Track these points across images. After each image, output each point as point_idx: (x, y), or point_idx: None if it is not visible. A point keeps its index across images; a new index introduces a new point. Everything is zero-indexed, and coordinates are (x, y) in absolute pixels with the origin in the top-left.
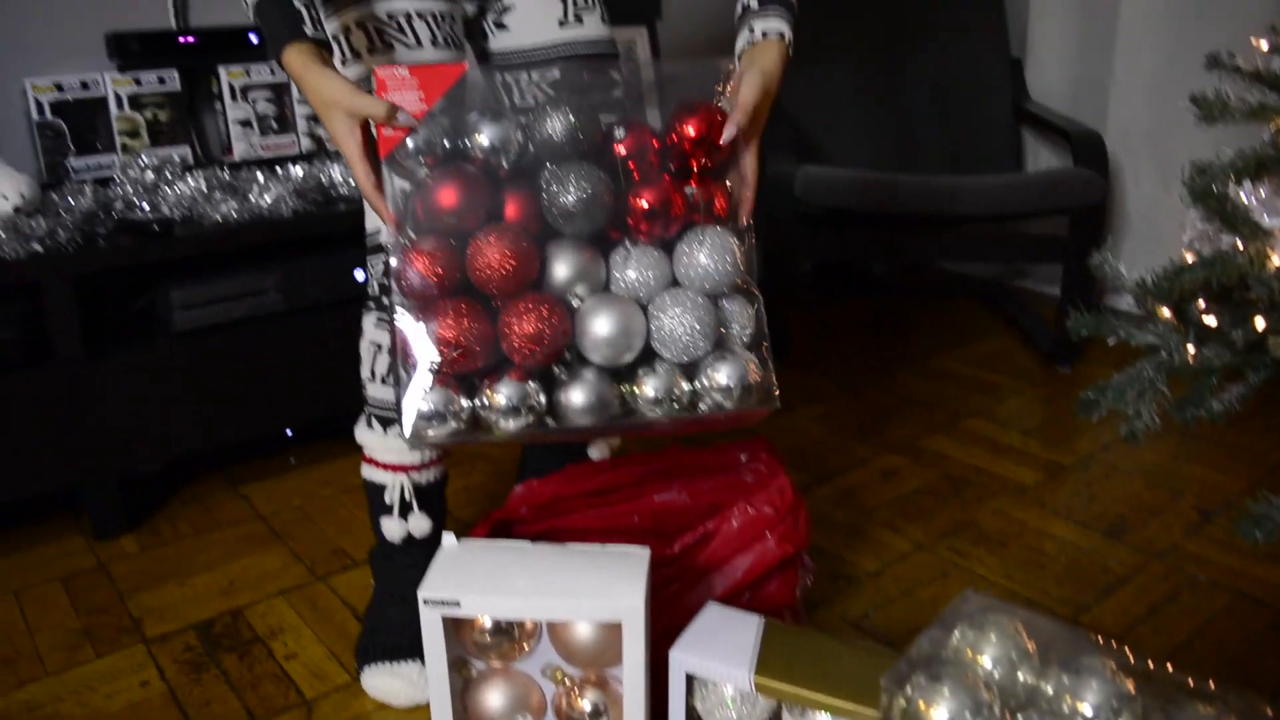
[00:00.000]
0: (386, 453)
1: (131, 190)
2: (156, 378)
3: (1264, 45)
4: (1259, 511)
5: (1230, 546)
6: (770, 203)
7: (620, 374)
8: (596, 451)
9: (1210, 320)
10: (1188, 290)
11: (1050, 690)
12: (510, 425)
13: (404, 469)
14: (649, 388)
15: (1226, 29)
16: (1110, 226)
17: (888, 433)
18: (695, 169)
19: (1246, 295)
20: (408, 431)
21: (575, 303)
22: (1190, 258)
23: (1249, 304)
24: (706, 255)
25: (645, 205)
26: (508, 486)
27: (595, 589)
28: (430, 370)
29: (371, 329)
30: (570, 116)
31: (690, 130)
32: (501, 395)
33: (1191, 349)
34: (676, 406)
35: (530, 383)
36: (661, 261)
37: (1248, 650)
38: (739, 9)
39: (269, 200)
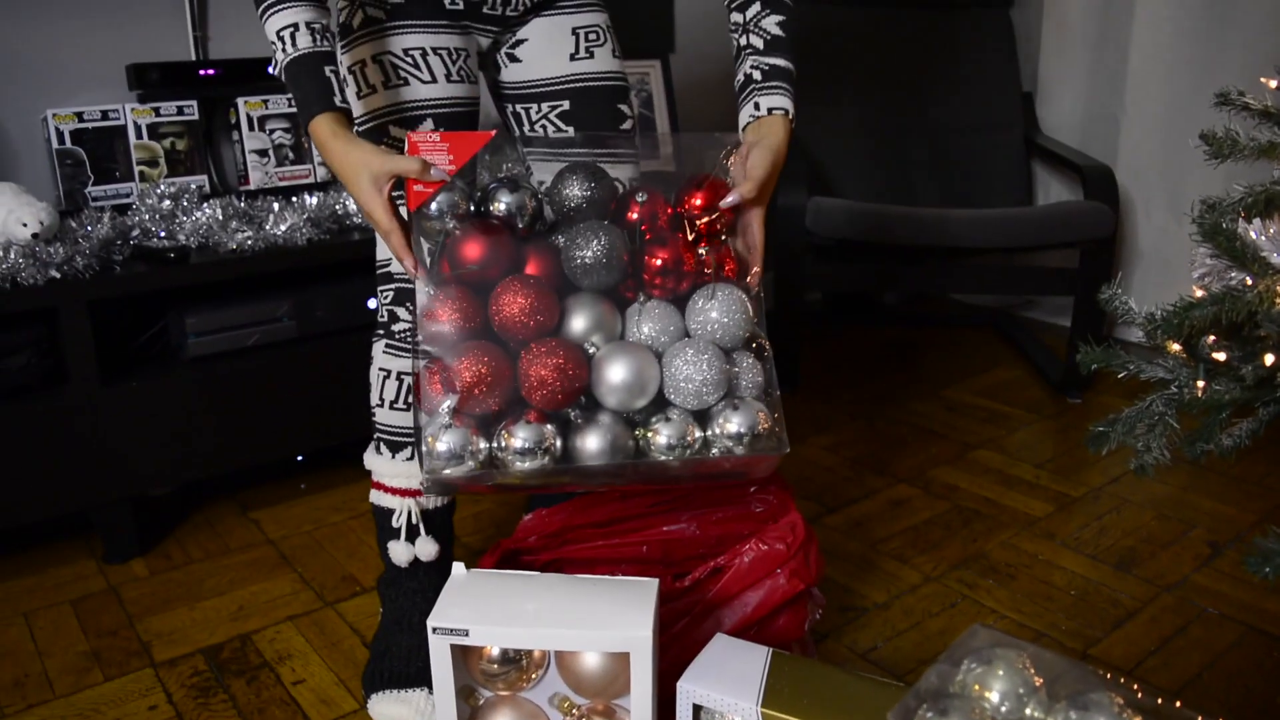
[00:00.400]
0: (394, 478)
1: (149, 218)
2: (169, 403)
3: (1273, 84)
4: (1268, 547)
5: (1241, 580)
6: (781, 234)
7: (634, 422)
8: None
9: (1220, 355)
10: (1197, 326)
11: None
12: (525, 466)
13: (411, 494)
14: (662, 435)
15: (1236, 65)
16: (1120, 260)
17: (898, 463)
18: (704, 234)
19: (1256, 331)
20: (425, 470)
21: (591, 350)
22: (1199, 293)
23: (1259, 340)
24: (717, 310)
25: (659, 262)
26: (516, 513)
27: (603, 619)
28: (449, 411)
29: (380, 355)
30: (589, 183)
31: (698, 201)
32: (518, 438)
33: (1201, 383)
34: (689, 452)
35: (547, 425)
36: (674, 316)
37: (1260, 684)
38: (740, 77)
39: (283, 229)
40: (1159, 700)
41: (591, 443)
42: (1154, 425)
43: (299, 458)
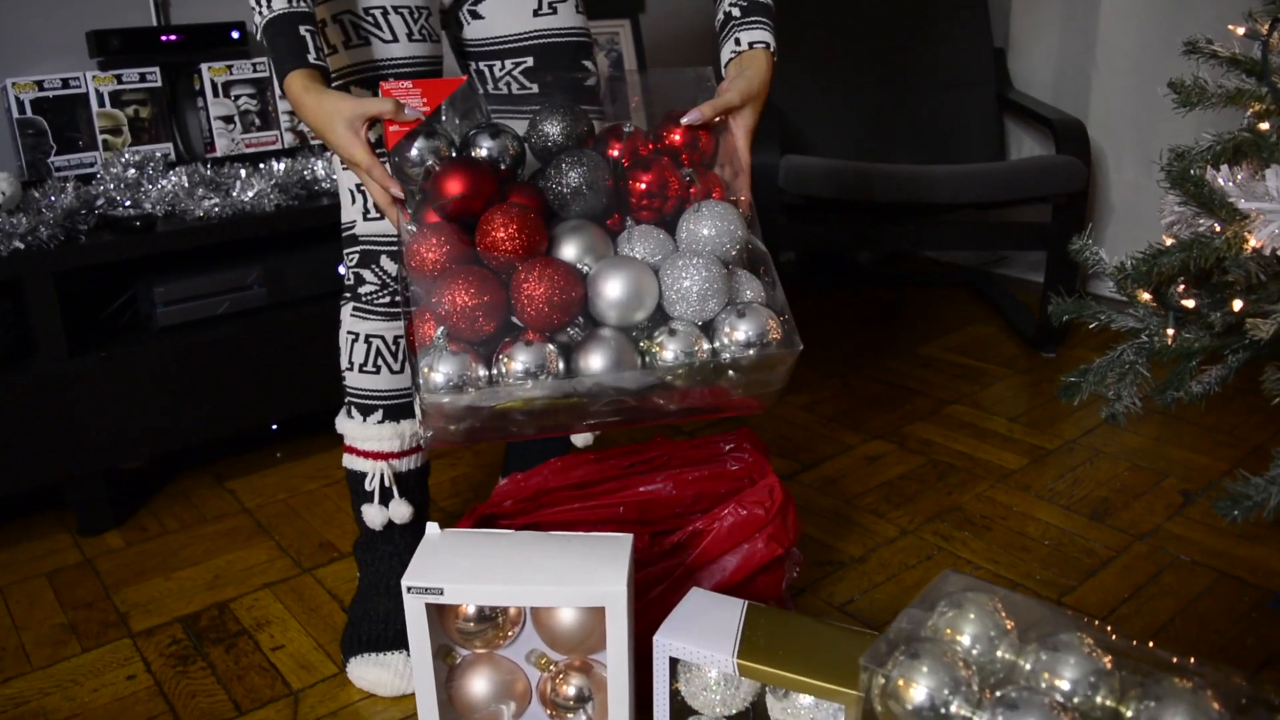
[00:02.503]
0: (366, 441)
1: (113, 187)
2: (140, 374)
3: (1241, 31)
4: (1237, 490)
5: (1213, 527)
6: (754, 193)
7: (638, 340)
8: (580, 439)
9: (1189, 303)
10: (1166, 273)
11: (1028, 667)
12: (529, 388)
13: (384, 456)
14: (669, 349)
15: (1206, 17)
16: (1092, 213)
17: (873, 420)
18: (686, 166)
19: (1224, 278)
20: (423, 405)
21: (585, 269)
22: (1169, 241)
23: (1227, 286)
24: (708, 226)
25: (643, 186)
26: (493, 479)
27: (578, 575)
28: (444, 336)
29: (349, 319)
30: (566, 121)
31: (677, 137)
32: (518, 360)
33: (1171, 332)
34: (697, 366)
35: (548, 345)
36: (664, 238)
37: (1230, 629)
38: (720, 16)
39: (251, 196)
40: (1133, 642)
41: (595, 360)
42: (1125, 374)
43: (273, 426)
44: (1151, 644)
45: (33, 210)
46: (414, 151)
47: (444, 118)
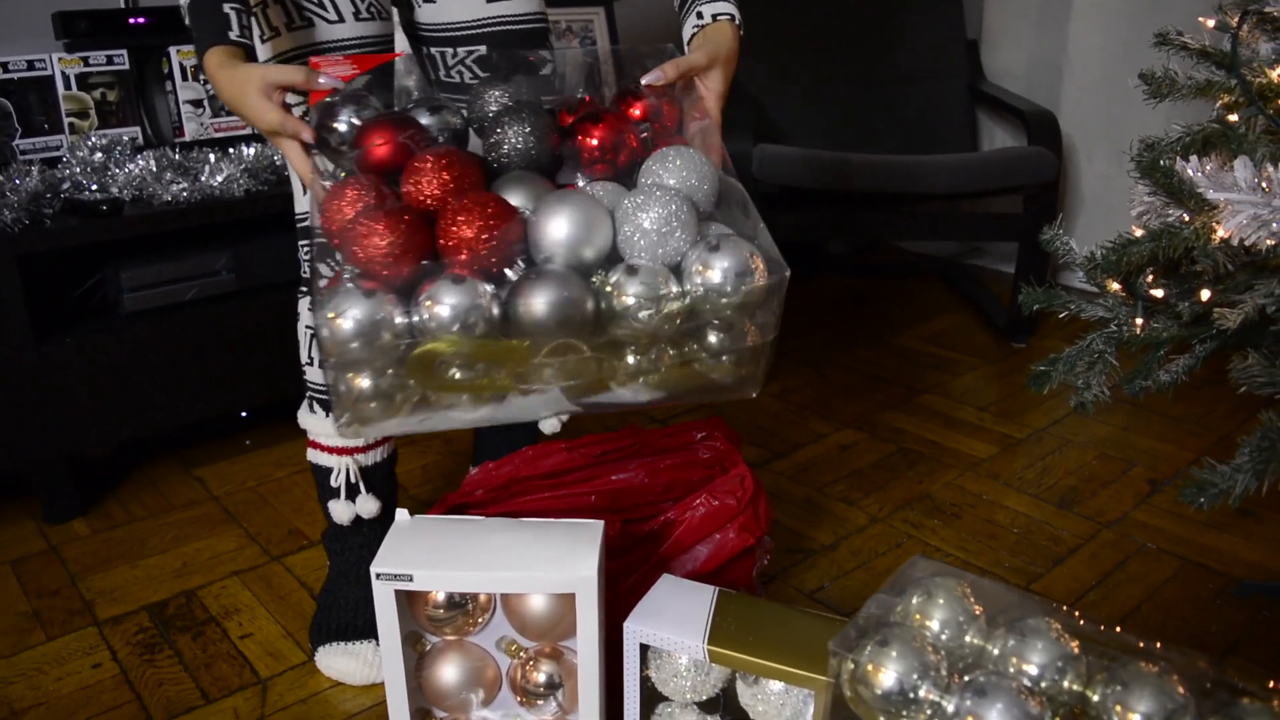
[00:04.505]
0: (330, 436)
1: (80, 171)
2: (107, 360)
3: (1211, 24)
4: (1203, 478)
5: (1179, 515)
6: None
7: (594, 285)
8: (548, 426)
9: (1158, 293)
10: (1136, 263)
11: (996, 651)
12: (454, 340)
13: (349, 451)
14: (629, 292)
15: (1177, 10)
16: (1063, 204)
17: (845, 408)
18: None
19: (1193, 268)
20: (329, 364)
21: (525, 214)
22: (1138, 232)
23: (1195, 276)
24: (674, 175)
25: (595, 142)
26: (463, 467)
27: (548, 561)
28: (354, 277)
29: (306, 313)
30: (510, 91)
31: (637, 111)
32: (444, 302)
33: (1140, 321)
34: (666, 314)
35: (482, 284)
36: (624, 194)
37: (1195, 615)
38: None
39: (220, 180)
40: (1100, 627)
41: (538, 299)
42: (1094, 363)
43: (242, 414)
44: (1119, 629)
45: None
46: (338, 115)
47: (375, 90)
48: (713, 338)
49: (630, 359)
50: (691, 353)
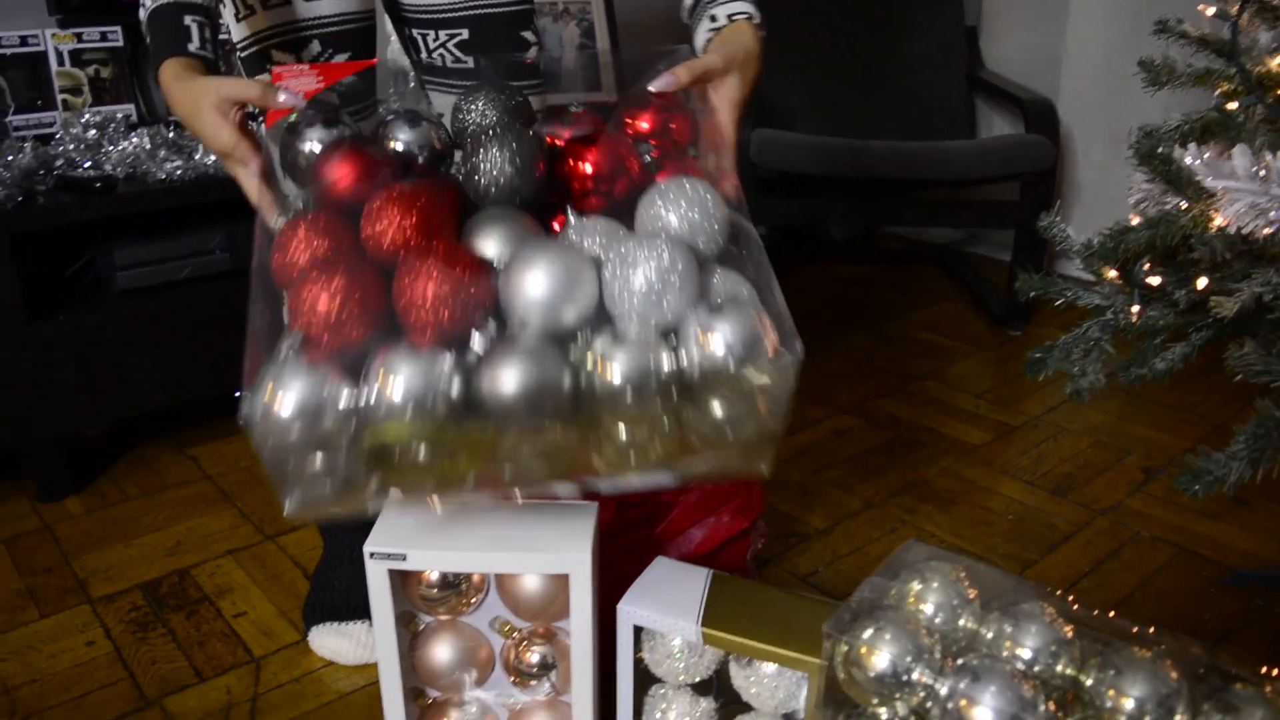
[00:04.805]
0: None
1: (73, 148)
2: (100, 338)
3: (1210, 11)
4: (1199, 465)
5: (1173, 503)
6: None
7: (570, 356)
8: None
9: (1154, 280)
10: (1133, 251)
11: (990, 635)
12: (409, 419)
13: None
14: (615, 368)
15: (1178, 3)
16: (1060, 193)
17: (841, 394)
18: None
19: (1190, 256)
20: (266, 448)
21: (499, 266)
22: (1135, 219)
23: (1192, 264)
24: (677, 210)
25: (588, 168)
26: None
27: (542, 541)
28: (295, 347)
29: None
30: (496, 102)
31: (645, 124)
32: (398, 381)
33: (1136, 309)
34: (655, 391)
35: (443, 354)
36: (618, 230)
37: (1189, 603)
38: (687, 1)
39: (214, 159)
40: (1094, 612)
41: (506, 378)
42: (1090, 351)
43: (236, 394)
44: (1112, 614)
45: None
46: (303, 135)
47: (348, 101)
48: (717, 411)
49: (618, 439)
50: (692, 425)
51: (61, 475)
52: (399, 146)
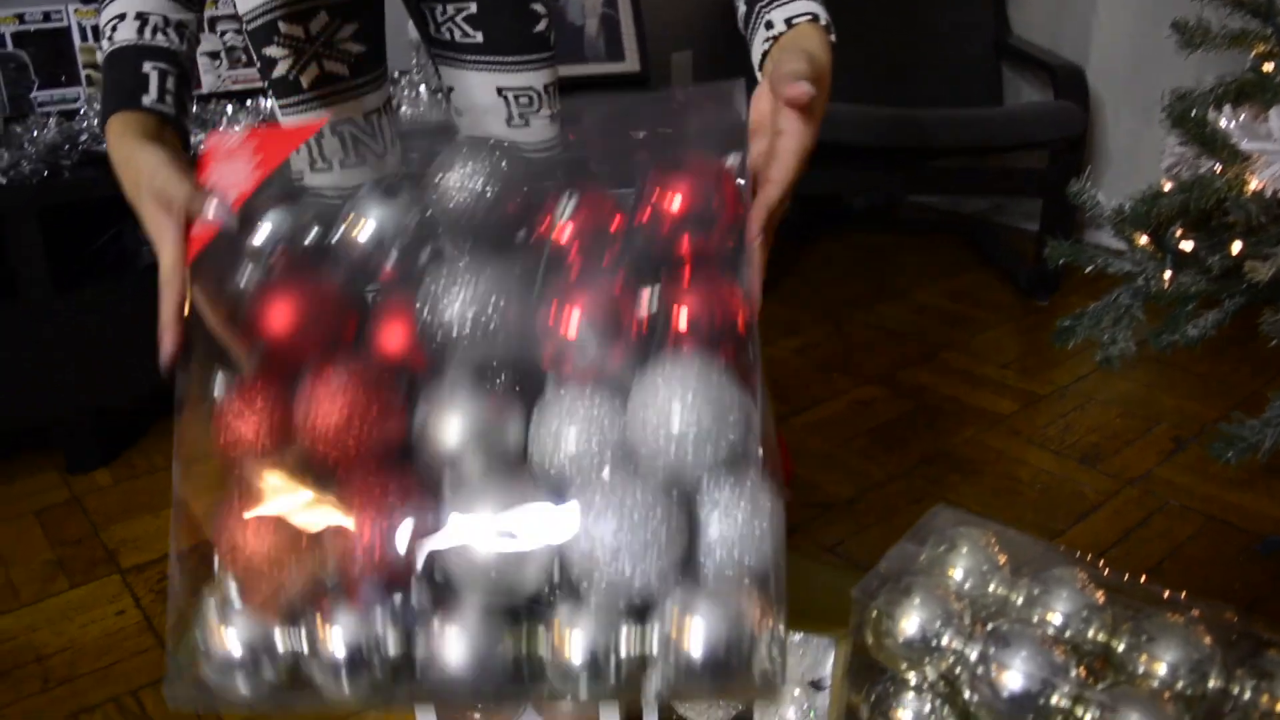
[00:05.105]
0: None
1: (98, 123)
2: (126, 312)
3: None
4: (1232, 432)
5: (1204, 473)
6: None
7: (518, 613)
8: None
9: (1187, 245)
10: (1165, 215)
11: (1020, 601)
12: (345, 689)
13: None
14: (571, 653)
15: None
16: (1089, 160)
17: (865, 365)
18: (686, 264)
19: (1224, 220)
20: (207, 690)
21: (448, 479)
22: (1168, 184)
23: (1226, 229)
24: (683, 408)
25: (573, 326)
26: None
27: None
28: (234, 596)
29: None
30: (479, 176)
31: (676, 201)
32: (339, 631)
33: (1168, 275)
34: (613, 683)
35: (378, 613)
36: (606, 413)
37: (1218, 573)
38: (740, 6)
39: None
40: (1125, 577)
41: (450, 650)
42: (1120, 318)
43: None
44: (1143, 579)
45: (14, 145)
46: (230, 269)
47: (302, 179)
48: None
49: (575, 651)
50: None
51: (90, 447)
52: (363, 236)
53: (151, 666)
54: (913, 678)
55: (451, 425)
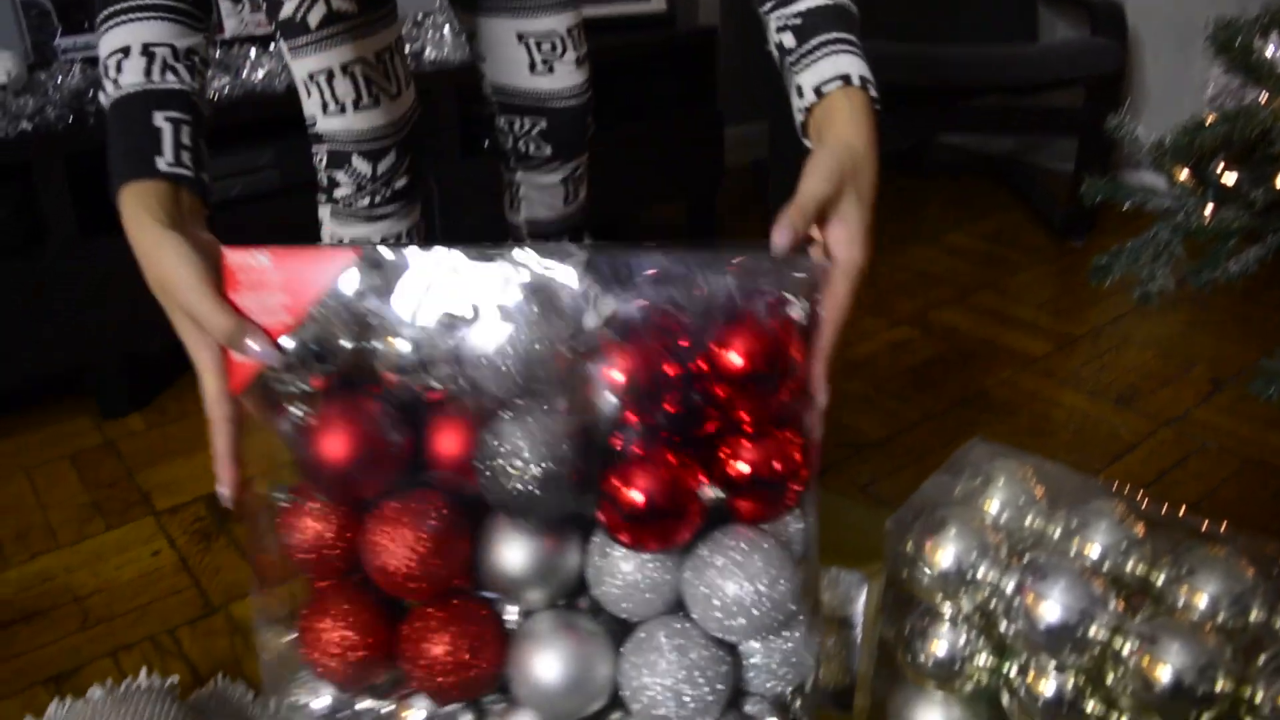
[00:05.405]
0: None
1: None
2: None
3: None
4: (1273, 368)
5: (1241, 414)
6: (777, 78)
7: None
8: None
9: (1230, 178)
10: (1207, 148)
11: (1057, 534)
12: None
13: None
14: None
15: None
16: (1127, 99)
17: (897, 306)
18: (746, 420)
19: (1269, 151)
20: None
21: (511, 620)
22: (1211, 117)
23: (1270, 161)
24: (737, 583)
25: (640, 496)
26: None
27: None
28: (318, 675)
29: (330, 221)
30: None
31: (735, 357)
32: (418, 714)
33: (1209, 210)
34: None
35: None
36: (661, 571)
37: (1255, 513)
38: (773, 50)
39: (261, 77)
40: (1164, 510)
41: None
42: (1159, 254)
43: None
44: (1183, 510)
45: (39, 92)
46: (280, 362)
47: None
48: None
49: None
50: None
51: (122, 393)
52: (399, 359)
53: (187, 606)
54: (947, 610)
55: (513, 558)
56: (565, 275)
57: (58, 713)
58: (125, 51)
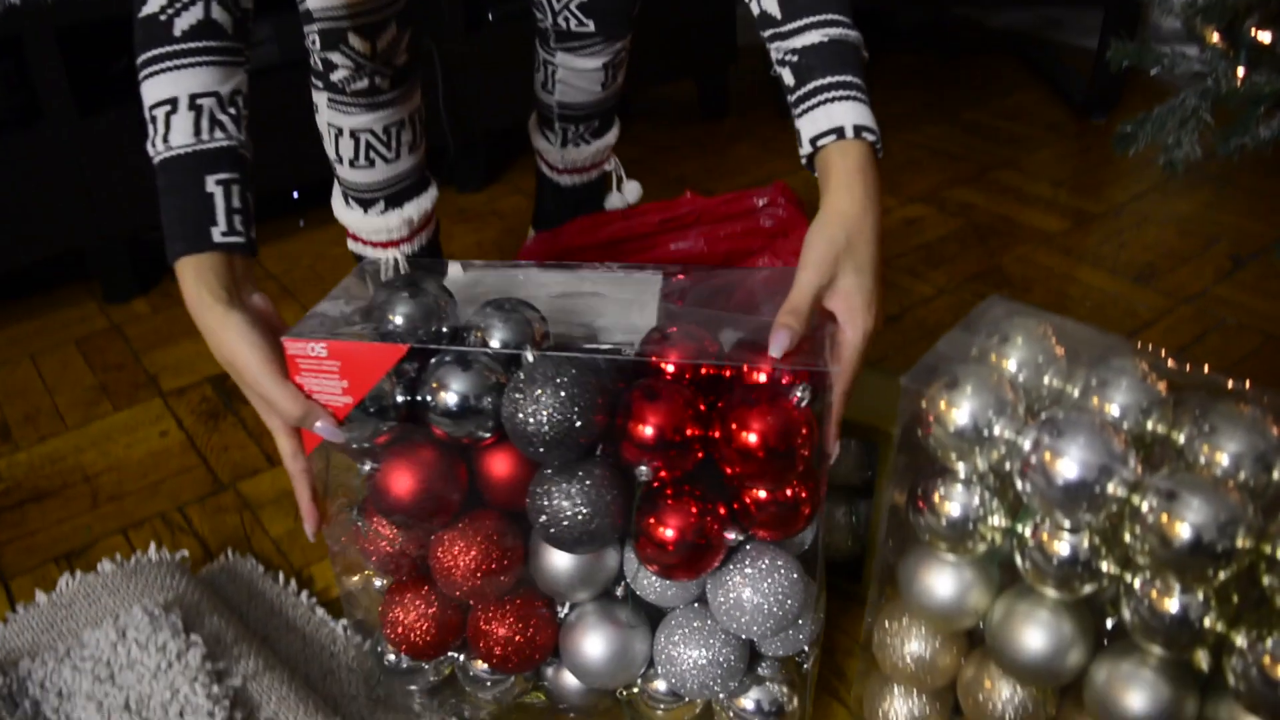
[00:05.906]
0: (373, 233)
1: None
2: None
3: None
4: None
5: (1262, 291)
6: None
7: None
8: (610, 203)
9: (1265, 37)
10: (1242, 6)
11: (1077, 393)
12: (490, 691)
13: (393, 244)
14: (659, 711)
15: None
16: None
17: (912, 183)
18: (762, 487)
19: None
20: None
21: (561, 612)
22: None
23: None
24: (755, 592)
25: (671, 532)
26: (518, 240)
27: (607, 310)
28: (394, 655)
29: (327, 109)
30: (558, 400)
31: (751, 437)
32: (479, 671)
33: (1241, 72)
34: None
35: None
36: (685, 585)
37: (1276, 388)
38: (784, 88)
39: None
40: (1187, 367)
41: (570, 685)
42: (1186, 120)
43: (294, 194)
44: (1206, 367)
45: None
46: (344, 437)
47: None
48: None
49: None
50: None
51: (127, 276)
52: (450, 400)
53: (195, 484)
54: (961, 470)
55: (559, 568)
56: None
57: (69, 586)
58: (172, 105)
